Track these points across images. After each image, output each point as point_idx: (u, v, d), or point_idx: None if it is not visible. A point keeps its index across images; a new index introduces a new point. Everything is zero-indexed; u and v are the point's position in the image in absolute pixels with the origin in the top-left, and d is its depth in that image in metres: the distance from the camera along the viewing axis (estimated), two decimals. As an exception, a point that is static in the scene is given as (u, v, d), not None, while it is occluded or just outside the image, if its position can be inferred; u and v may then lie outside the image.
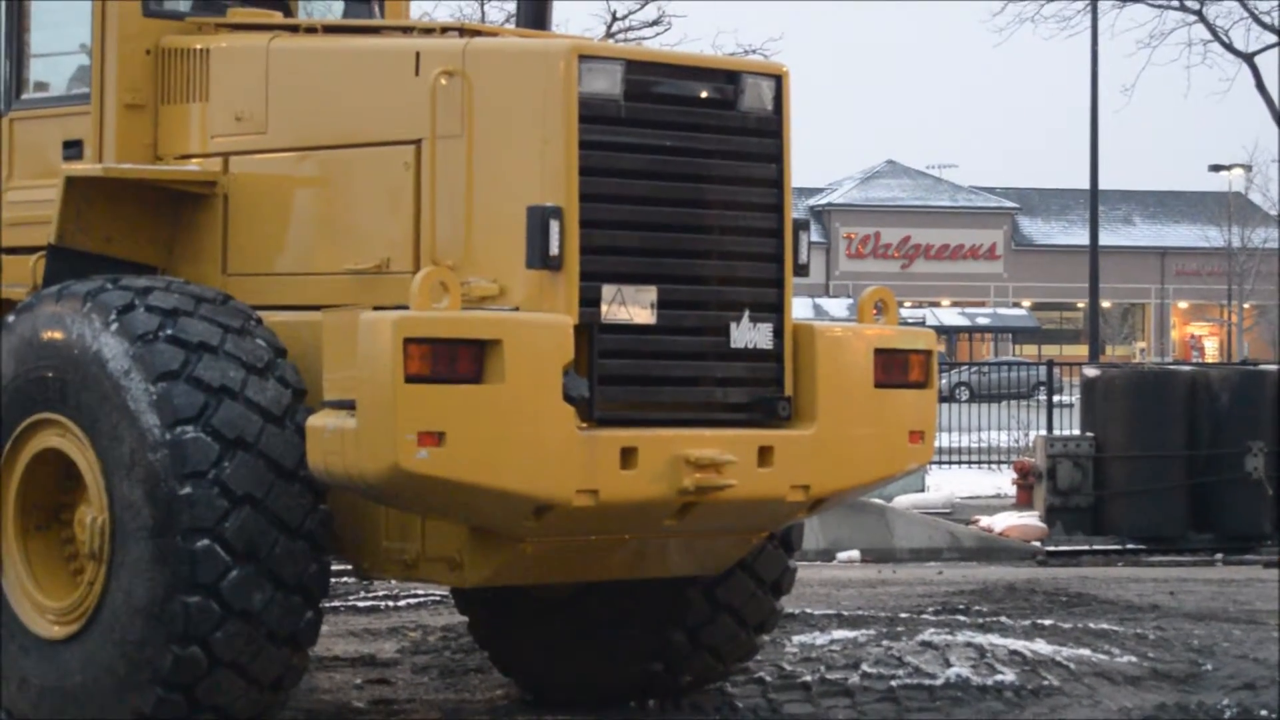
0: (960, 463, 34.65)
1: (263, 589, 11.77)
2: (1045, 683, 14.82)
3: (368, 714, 13.93)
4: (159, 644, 11.70)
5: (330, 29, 14.05)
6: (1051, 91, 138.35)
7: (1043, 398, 37.15)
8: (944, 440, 23.16)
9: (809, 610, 17.96)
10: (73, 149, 14.14)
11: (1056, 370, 41.40)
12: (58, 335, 12.44)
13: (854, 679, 14.78)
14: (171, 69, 14.04)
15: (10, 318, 12.99)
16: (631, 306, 12.13)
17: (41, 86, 14.85)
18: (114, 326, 12.14)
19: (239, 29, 14.14)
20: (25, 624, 12.62)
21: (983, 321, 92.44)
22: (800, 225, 12.98)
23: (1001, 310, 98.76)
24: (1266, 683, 14.88)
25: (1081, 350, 60.74)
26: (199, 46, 13.95)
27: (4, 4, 14.76)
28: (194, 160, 13.84)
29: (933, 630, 16.83)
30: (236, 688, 11.90)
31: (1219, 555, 24.53)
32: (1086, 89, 52.53)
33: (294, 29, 14.17)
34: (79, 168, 13.72)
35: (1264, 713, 13.62)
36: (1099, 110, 51.89)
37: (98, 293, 12.43)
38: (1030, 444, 29.43)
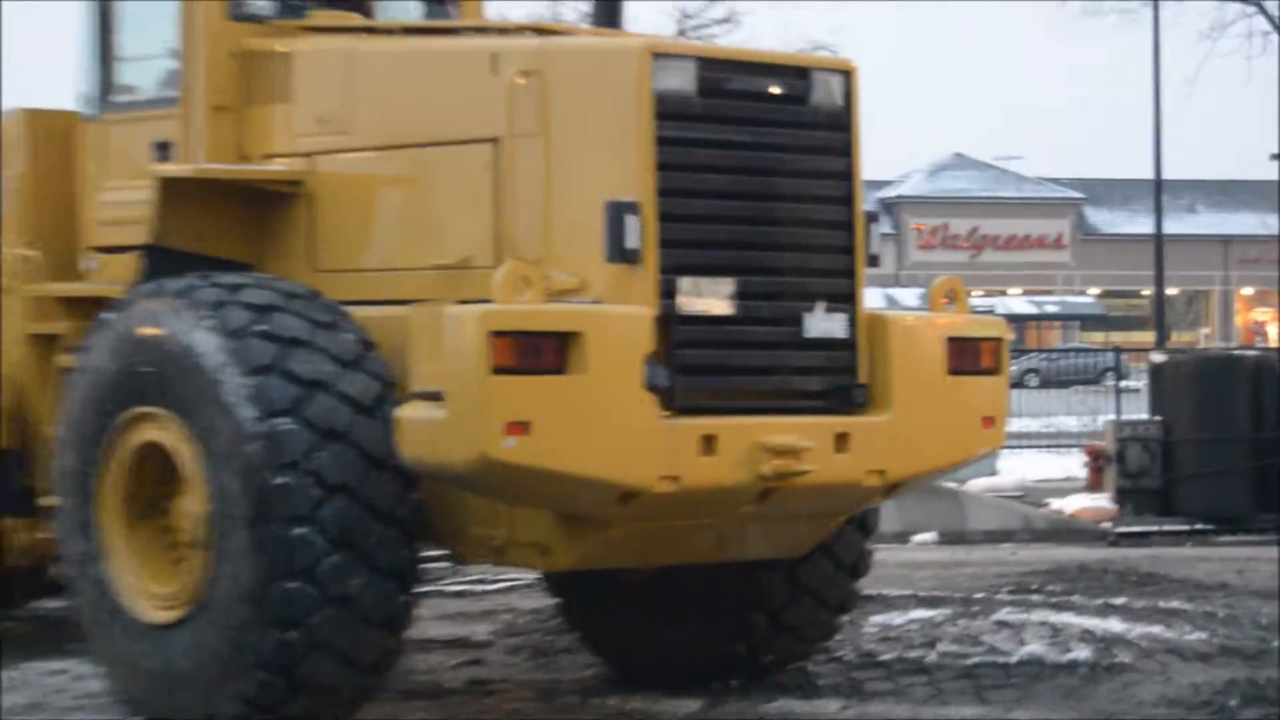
0: (1031, 447, 34.50)
1: (358, 574, 11.89)
2: (1118, 660, 14.86)
3: (462, 694, 14.04)
4: (260, 628, 11.85)
5: (408, 30, 14.15)
6: (1115, 83, 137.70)
7: (1111, 383, 36.96)
8: (1015, 425, 23.19)
9: (886, 591, 18.01)
10: (162, 150, 14.30)
11: (1124, 356, 41.39)
12: (154, 331, 12.58)
13: (931, 657, 14.92)
14: (256, 71, 14.17)
15: (107, 315, 13.14)
16: (709, 298, 12.19)
17: (130, 90, 14.96)
18: (208, 322, 12.27)
19: (320, 31, 14.28)
20: (132, 610, 12.74)
21: (1051, 309, 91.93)
22: (871, 217, 13.05)
23: (1069, 298, 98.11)
24: (1335, 657, 14.91)
25: (1148, 336, 60.46)
26: (282, 49, 14.08)
27: (92, 8, 14.95)
28: (280, 160, 13.96)
29: (1008, 610, 16.91)
30: (335, 670, 12.02)
31: (1284, 536, 24.51)
32: (1149, 80, 52.38)
33: (373, 31, 14.34)
34: (171, 168, 13.87)
35: (1330, 687, 13.66)
36: (1162, 101, 51.76)
37: (192, 290, 12.58)
38: (1100, 428, 29.31)
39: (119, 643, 12.84)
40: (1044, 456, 33.70)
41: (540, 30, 13.65)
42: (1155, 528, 24.75)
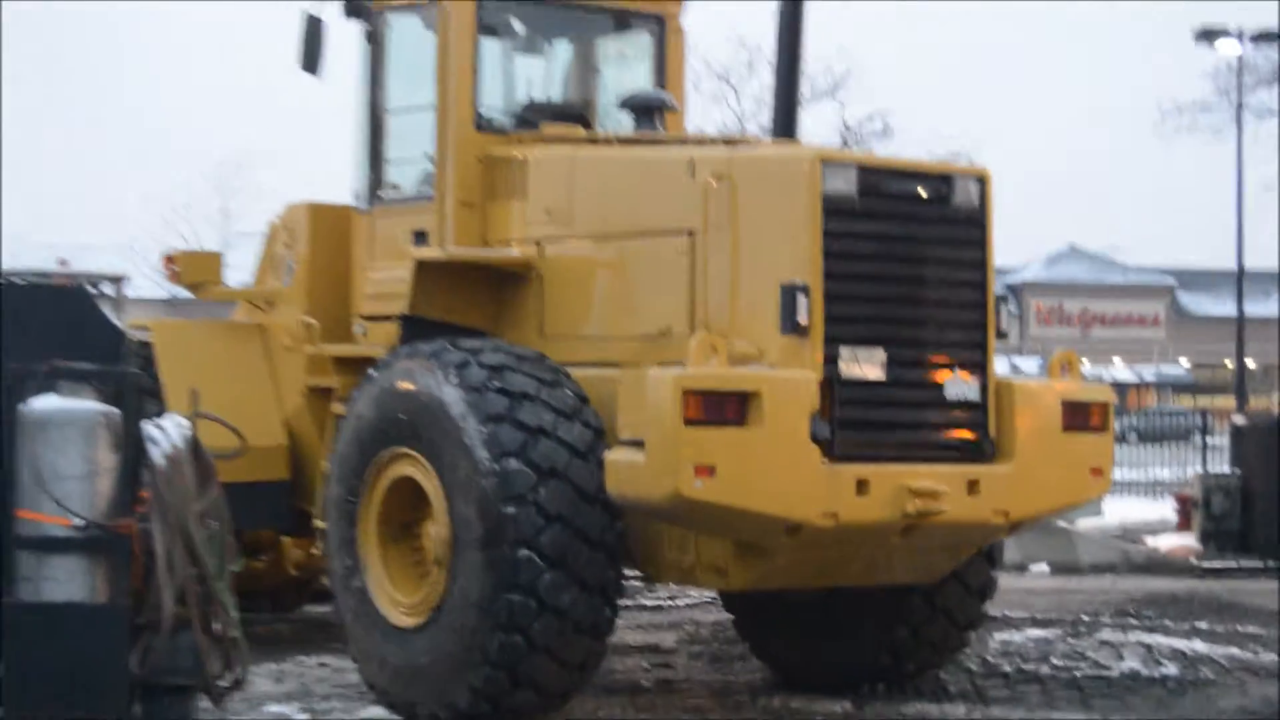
0: (1130, 493, 34.11)
1: (571, 590, 11.81)
2: (1201, 675, 14.62)
3: (652, 692, 13.90)
4: (489, 632, 11.80)
5: (622, 140, 14.09)
6: (1207, 186, 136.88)
7: (1198, 440, 36.48)
8: (1117, 474, 22.72)
9: (1007, 613, 17.78)
10: (419, 238, 14.29)
11: (1209, 417, 40.79)
12: (410, 386, 12.57)
13: (1044, 669, 14.68)
14: (497, 173, 14.15)
15: (372, 371, 13.15)
16: (865, 365, 12.08)
17: (394, 188, 14.97)
18: (454, 379, 12.26)
19: (550, 141, 14.24)
20: (384, 615, 12.74)
21: (1148, 377, 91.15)
22: (1000, 299, 12.88)
23: (1163, 368, 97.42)
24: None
25: (1230, 401, 59.76)
26: (519, 155, 14.06)
27: (365, 121, 14.99)
28: (514, 245, 13.90)
29: (1109, 630, 16.69)
30: (549, 669, 11.96)
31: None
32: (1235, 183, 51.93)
33: (593, 140, 14.28)
34: (426, 252, 13.89)
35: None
36: (1244, 203, 51.29)
37: (441, 352, 12.55)
38: (1188, 478, 28.95)
39: (372, 642, 12.82)
40: (1141, 501, 33.25)
41: (729, 141, 13.63)
42: (1235, 564, 24.26)
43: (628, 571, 12.67)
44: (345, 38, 14.94)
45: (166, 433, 10.10)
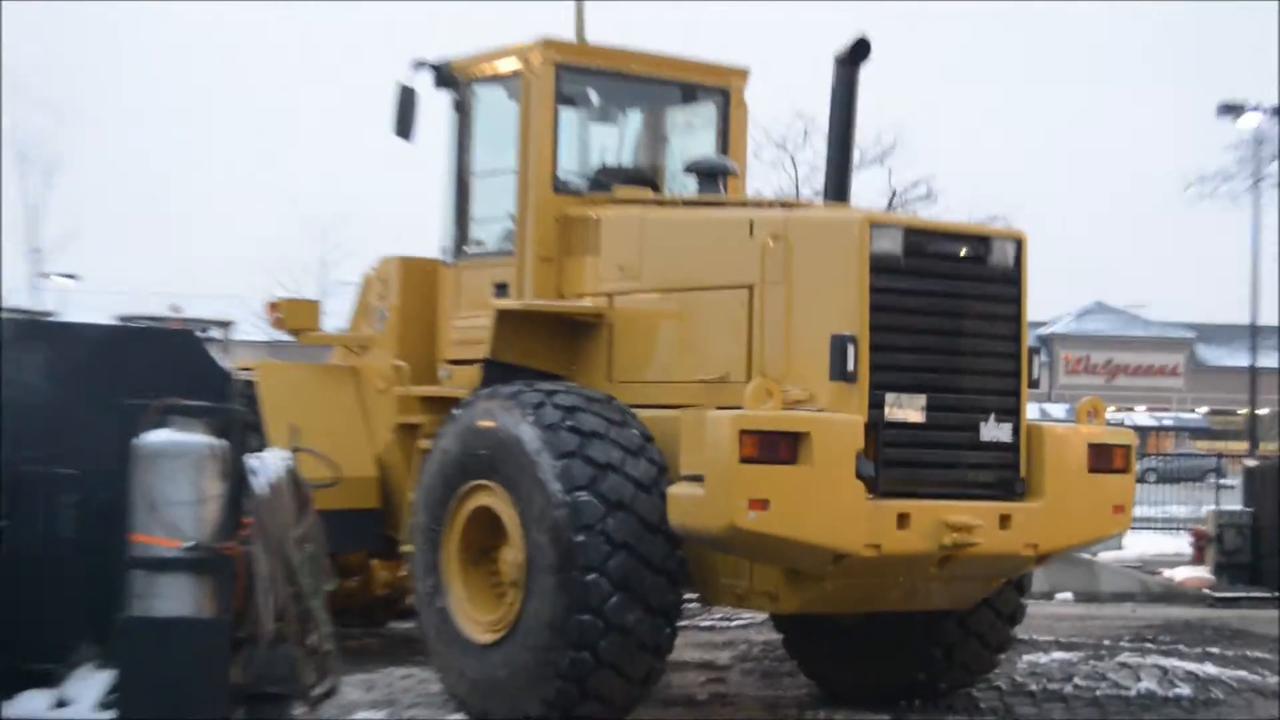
0: (1149, 529, 33.91)
1: (635, 611, 11.82)
2: (1213, 696, 14.53)
3: (707, 704, 13.88)
4: (560, 649, 11.83)
5: (687, 202, 14.13)
6: (1224, 248, 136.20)
7: (1213, 481, 36.34)
8: (1137, 511, 22.42)
9: (1035, 636, 17.69)
10: (500, 289, 14.36)
11: (1223, 461, 40.66)
12: (490, 424, 12.62)
13: (1068, 689, 14.60)
14: (572, 231, 14.21)
15: (455, 411, 13.21)
16: (907, 409, 12.08)
17: (478, 243, 15.03)
18: (530, 418, 12.29)
19: (621, 202, 14.31)
20: (463, 632, 12.78)
21: (1167, 423, 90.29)
22: (1033, 350, 12.86)
23: (1181, 414, 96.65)
24: (1385, 700, 14.54)
25: (1242, 446, 59.42)
26: (593, 215, 14.13)
27: (452, 183, 15.05)
28: (587, 298, 13.96)
29: (1127, 654, 16.60)
30: (615, 683, 11.96)
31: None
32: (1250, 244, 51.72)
33: (661, 202, 14.32)
34: (507, 303, 13.95)
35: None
36: (1259, 263, 51.03)
37: (519, 394, 12.60)
38: (1203, 515, 28.77)
39: (452, 656, 12.87)
40: (1159, 536, 33.05)
41: (786, 204, 13.68)
42: (1245, 594, 24.11)
43: (687, 594, 12.64)
44: (435, 106, 15.04)
45: (268, 464, 10.16)
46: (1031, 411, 12.90)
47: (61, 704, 9.87)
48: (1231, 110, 49.91)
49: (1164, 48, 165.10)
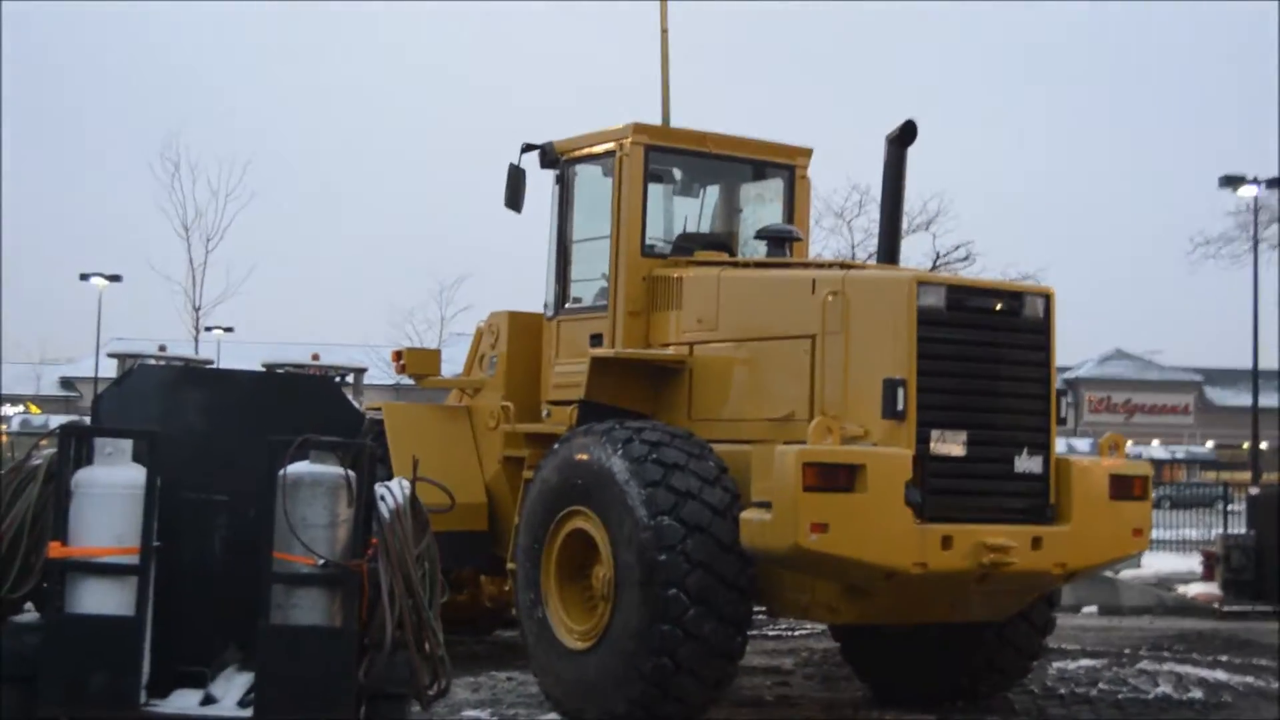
0: (1165, 549, 33.62)
1: (710, 622, 11.71)
2: (1222, 699, 14.33)
3: (772, 705, 13.76)
4: (644, 656, 11.75)
5: (758, 264, 14.07)
6: (1229, 301, 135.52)
7: (1220, 507, 35.98)
8: (1154, 534, 22.22)
9: (1064, 646, 17.53)
10: (595, 340, 14.29)
11: (1229, 489, 40.28)
12: (585, 457, 12.56)
13: (1093, 693, 14.43)
14: (658, 289, 14.15)
15: (555, 445, 13.15)
16: (950, 444, 11.98)
17: (576, 300, 14.97)
18: (620, 452, 12.25)
19: (700, 264, 14.22)
20: (560, 640, 12.70)
21: (1179, 456, 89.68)
22: (1060, 392, 12.76)
23: (1192, 448, 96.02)
24: (1376, 702, 14.31)
25: (1246, 476, 58.81)
26: (676, 275, 14.06)
27: (554, 249, 15.00)
28: (670, 346, 13.87)
29: (1146, 661, 16.40)
30: (692, 685, 11.85)
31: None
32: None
33: (735, 264, 14.24)
34: (601, 351, 13.90)
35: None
36: (1259, 315, 50.60)
37: (610, 431, 12.56)
38: (1212, 538, 28.47)
39: (550, 661, 12.77)
40: (1174, 556, 32.74)
41: (844, 265, 13.57)
42: (1250, 608, 23.80)
43: (756, 607, 12.52)
44: (541, 182, 15.03)
45: (392, 492, 10.12)
46: (1059, 446, 12.74)
47: (208, 701, 9.84)
48: (1232, 182, 49.63)
49: (1172, 122, 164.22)
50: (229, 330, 77.12)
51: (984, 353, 12.24)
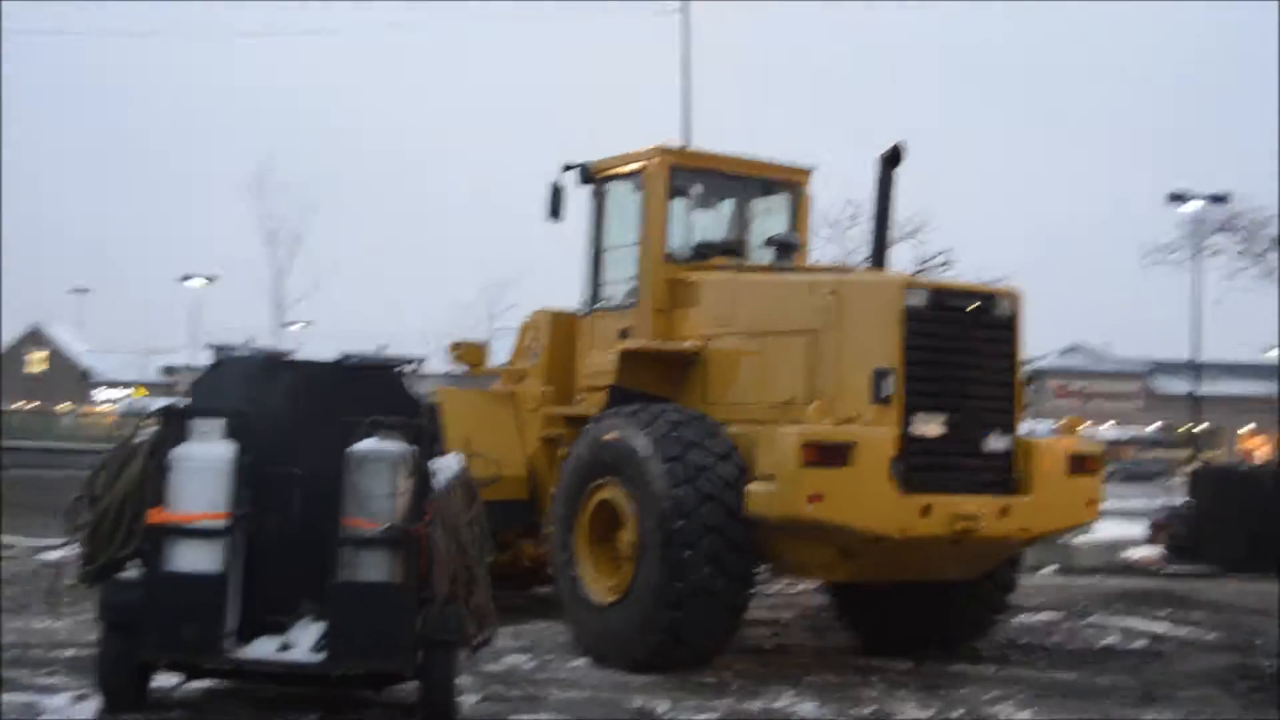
0: (1115, 518, 33.51)
1: (720, 580, 11.72)
2: (1163, 649, 14.22)
3: (773, 652, 13.72)
4: (662, 609, 11.76)
5: (765, 269, 14.07)
6: (1175, 301, 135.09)
7: (1164, 481, 35.93)
8: (1106, 505, 22.09)
9: (1025, 601, 17.32)
10: (624, 334, 14.24)
11: (1172, 465, 40.24)
12: (613, 436, 12.54)
13: (1050, 643, 14.35)
14: (679, 290, 14.09)
15: (587, 426, 13.14)
16: (929, 425, 11.96)
17: (607, 299, 14.92)
18: (643, 431, 12.24)
19: (716, 269, 14.19)
20: (589, 595, 12.70)
21: (1128, 436, 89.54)
22: (1025, 380, 12.75)
23: (1141, 430, 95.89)
24: (1298, 651, 14.21)
25: (1186, 454, 58.66)
26: (694, 278, 14.01)
27: (590, 255, 14.96)
28: (689, 340, 13.80)
29: (1097, 616, 16.29)
30: (702, 635, 11.87)
31: (1272, 575, 23.37)
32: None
33: (746, 269, 14.24)
34: (629, 344, 13.84)
35: (1295, 671, 12.97)
36: (1200, 314, 50.49)
37: (636, 413, 12.54)
38: (1157, 508, 28.35)
39: (580, 613, 12.78)
40: (1122, 524, 32.59)
41: (839, 269, 13.53)
42: (1189, 569, 23.68)
43: (760, 567, 12.51)
44: (578, 197, 15.00)
45: (446, 466, 10.10)
46: (1023, 428, 12.69)
47: (285, 647, 9.82)
48: (1177, 198, 49.54)
49: (1126, 142, 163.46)
50: (309, 324, 77.33)
51: (960, 346, 12.18)
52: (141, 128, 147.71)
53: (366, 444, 9.86)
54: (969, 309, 12.29)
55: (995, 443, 12.32)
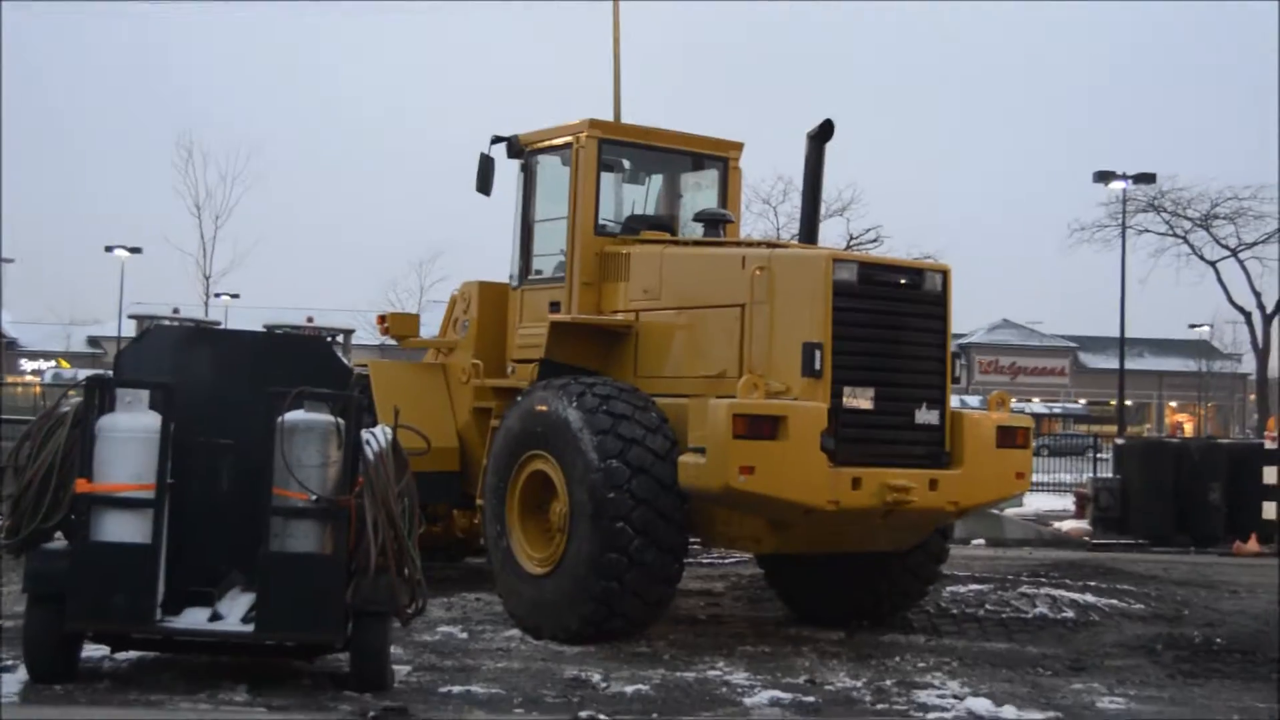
0: (1043, 491, 33.84)
1: (652, 551, 11.73)
2: (1091, 619, 14.38)
3: (706, 623, 13.78)
4: (594, 579, 11.77)
5: (695, 243, 14.03)
6: (1101, 278, 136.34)
7: (1091, 455, 36.27)
8: (1034, 478, 22.45)
9: (955, 572, 17.53)
10: (554, 307, 14.23)
11: (1098, 440, 40.62)
12: (544, 408, 12.53)
13: (980, 613, 14.44)
14: (609, 264, 14.08)
15: (519, 398, 13.13)
16: (860, 398, 11.96)
17: (538, 272, 14.89)
18: (574, 404, 12.23)
19: (646, 242, 14.16)
20: (522, 566, 12.70)
21: (1056, 411, 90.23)
22: (955, 355, 12.74)
23: (1068, 404, 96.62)
24: (1221, 622, 14.37)
25: (1113, 428, 59.28)
26: (624, 251, 13.99)
27: (519, 230, 14.93)
28: (619, 313, 13.82)
29: (1026, 586, 16.42)
30: (636, 605, 11.87)
31: (1192, 548, 23.67)
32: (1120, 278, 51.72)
33: (676, 242, 14.19)
34: (559, 317, 13.82)
35: (1219, 640, 13.10)
36: (1126, 290, 51.02)
37: (567, 386, 12.53)
38: (1084, 481, 28.64)
39: (513, 584, 12.77)
40: (1050, 496, 32.95)
41: (770, 244, 13.50)
42: (1115, 541, 23.98)
43: (692, 538, 12.54)
44: (507, 169, 14.95)
45: (376, 437, 10.07)
46: (953, 401, 12.76)
47: (215, 618, 9.79)
48: (1104, 177, 49.95)
49: (1053, 121, 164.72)
50: (235, 296, 76.78)
51: (890, 320, 12.22)
52: (67, 96, 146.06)
53: (296, 415, 9.83)
54: (899, 284, 12.33)
55: (925, 416, 12.36)
